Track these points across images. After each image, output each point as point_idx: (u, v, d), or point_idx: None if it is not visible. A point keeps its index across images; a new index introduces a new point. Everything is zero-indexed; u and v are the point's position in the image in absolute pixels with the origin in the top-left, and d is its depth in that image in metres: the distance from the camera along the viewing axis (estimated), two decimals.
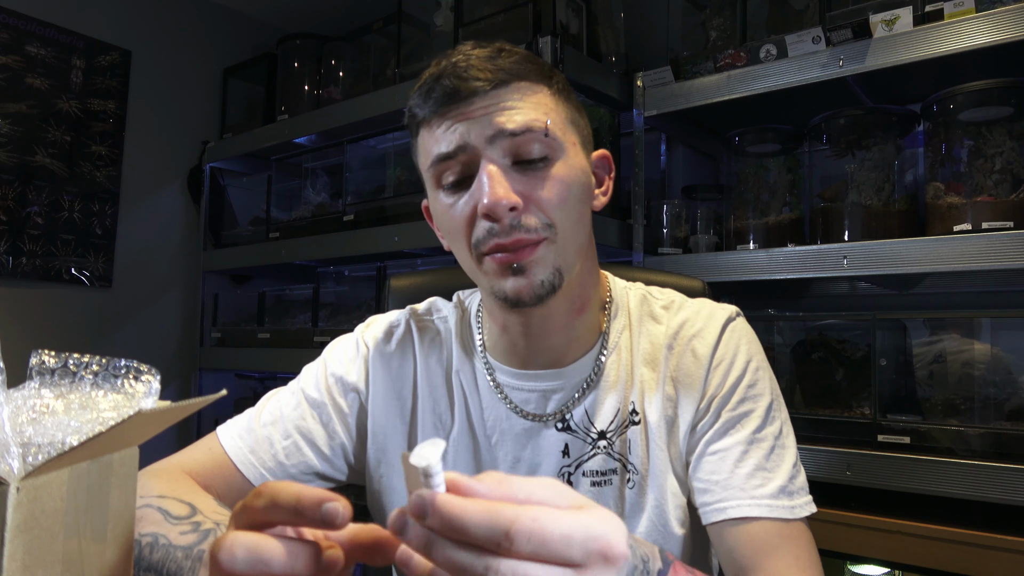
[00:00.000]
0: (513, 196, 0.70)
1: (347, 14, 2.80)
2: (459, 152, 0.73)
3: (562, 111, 0.77)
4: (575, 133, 0.78)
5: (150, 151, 2.64)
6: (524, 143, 0.72)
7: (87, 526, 0.43)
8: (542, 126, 0.72)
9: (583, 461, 0.80)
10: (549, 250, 0.73)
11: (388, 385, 0.88)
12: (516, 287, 0.73)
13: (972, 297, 1.71)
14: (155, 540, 0.64)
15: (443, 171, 0.75)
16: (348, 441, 0.88)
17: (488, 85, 0.72)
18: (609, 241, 1.78)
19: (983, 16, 1.29)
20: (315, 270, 2.54)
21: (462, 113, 0.73)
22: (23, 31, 2.30)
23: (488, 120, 0.72)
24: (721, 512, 0.73)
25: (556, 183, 0.73)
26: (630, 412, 0.80)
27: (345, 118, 2.19)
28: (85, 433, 0.40)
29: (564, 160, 0.74)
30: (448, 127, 0.73)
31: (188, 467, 0.83)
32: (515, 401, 0.83)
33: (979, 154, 1.39)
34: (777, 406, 0.79)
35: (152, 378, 0.47)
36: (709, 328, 0.81)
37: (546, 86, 0.76)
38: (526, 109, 0.73)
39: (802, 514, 0.73)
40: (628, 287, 0.88)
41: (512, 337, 0.82)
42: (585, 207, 0.77)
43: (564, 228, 0.74)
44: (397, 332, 0.91)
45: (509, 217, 0.71)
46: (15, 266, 2.27)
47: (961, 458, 1.27)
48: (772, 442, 0.76)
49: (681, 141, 2.08)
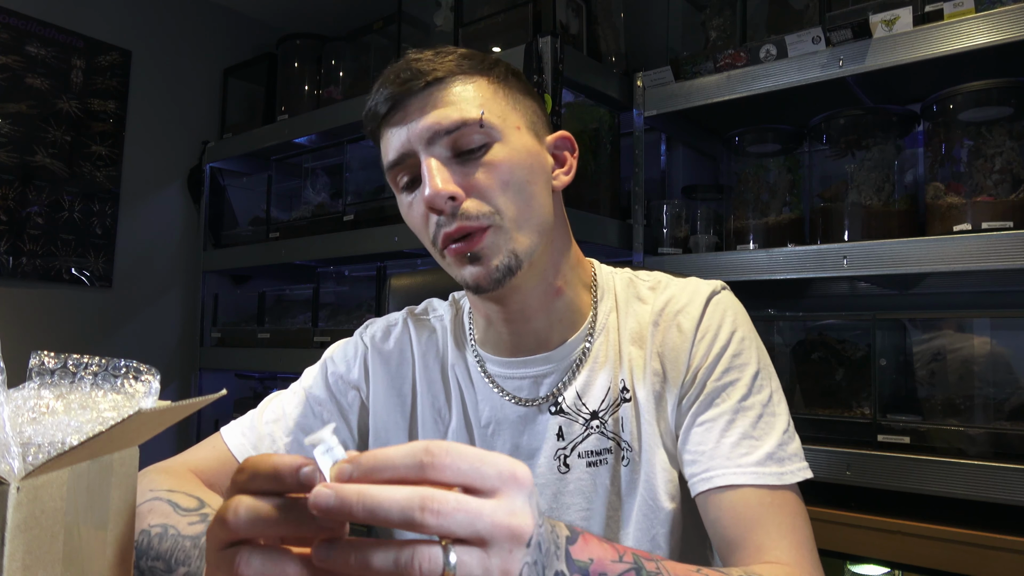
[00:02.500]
0: (451, 186, 0.72)
1: (347, 14, 2.80)
2: (404, 158, 0.75)
3: (502, 97, 0.77)
4: (519, 116, 0.78)
5: (150, 151, 2.64)
6: (461, 136, 0.73)
7: (87, 526, 0.43)
8: (476, 117, 0.73)
9: (577, 442, 0.81)
10: (497, 236, 0.74)
11: (388, 382, 0.89)
12: (474, 275, 0.74)
13: (972, 297, 1.70)
14: (164, 530, 0.66)
15: (396, 176, 0.78)
16: (350, 439, 0.90)
17: (421, 84, 0.74)
18: (609, 241, 1.78)
19: (983, 16, 1.29)
20: (315, 270, 2.54)
21: (401, 117, 0.75)
22: (23, 31, 2.30)
23: (424, 121, 0.74)
24: (707, 481, 0.72)
25: (494, 168, 0.74)
26: (620, 390, 0.81)
27: (345, 118, 2.19)
28: (85, 433, 0.40)
29: (504, 144, 0.75)
30: (393, 133, 0.76)
31: (193, 465, 0.84)
32: (508, 389, 0.84)
33: (979, 154, 1.39)
34: (766, 375, 0.78)
35: (152, 378, 0.47)
36: (694, 302, 0.81)
37: (483, 76, 0.77)
38: (460, 104, 0.74)
39: (791, 480, 0.72)
40: (614, 271, 0.89)
41: (496, 327, 0.83)
42: (536, 188, 0.77)
43: (510, 212, 0.74)
44: (395, 331, 0.93)
45: (450, 207, 0.73)
46: (15, 266, 2.27)
47: (961, 458, 1.27)
48: (760, 410, 0.75)
49: (681, 141, 2.08)
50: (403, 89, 0.75)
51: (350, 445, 0.90)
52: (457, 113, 0.73)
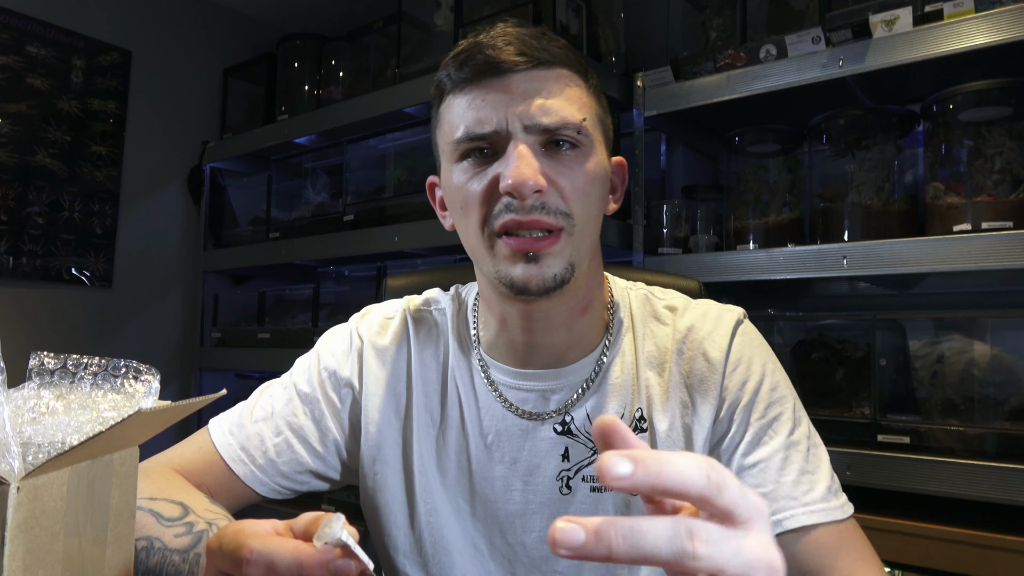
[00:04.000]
0: (540, 178, 0.69)
1: (347, 14, 2.80)
2: (494, 135, 0.71)
3: (594, 108, 0.76)
4: (603, 132, 0.77)
5: (150, 151, 2.64)
6: (558, 132, 0.71)
7: (87, 526, 0.43)
8: (577, 123, 0.71)
9: (583, 466, 0.78)
10: (567, 243, 0.71)
11: (382, 380, 0.86)
12: (526, 275, 0.71)
13: (972, 297, 1.70)
14: (150, 544, 0.63)
15: (468, 147, 0.72)
16: (341, 437, 0.86)
17: (530, 63, 0.70)
18: (609, 241, 1.78)
19: (983, 16, 1.29)
20: (315, 270, 2.54)
21: (499, 87, 0.70)
22: (23, 31, 2.30)
23: (525, 105, 0.69)
24: (777, 525, 0.71)
25: (582, 175, 0.72)
26: (637, 419, 0.78)
27: (345, 118, 2.19)
28: (85, 433, 0.40)
29: (592, 154, 0.73)
30: (482, 100, 0.71)
31: (178, 465, 0.82)
32: (511, 400, 0.81)
33: (979, 154, 1.39)
34: (799, 405, 0.78)
35: (152, 378, 0.47)
36: (719, 331, 0.79)
37: (583, 80, 0.75)
38: (563, 101, 0.71)
39: (850, 511, 0.73)
40: (629, 287, 0.87)
41: (511, 333, 0.79)
42: (603, 205, 0.77)
43: (582, 221, 0.72)
44: (392, 325, 0.89)
45: (533, 198, 0.69)
46: (15, 266, 2.27)
47: (961, 458, 1.27)
48: (806, 443, 0.75)
49: (681, 141, 2.08)
50: (510, 60, 0.70)
51: (341, 443, 0.86)
52: (560, 109, 0.70)
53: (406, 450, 0.84)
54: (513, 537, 0.80)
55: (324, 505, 2.07)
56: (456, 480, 0.82)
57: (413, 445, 0.83)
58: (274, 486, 0.85)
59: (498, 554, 0.80)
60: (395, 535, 0.84)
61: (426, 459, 0.83)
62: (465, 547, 0.81)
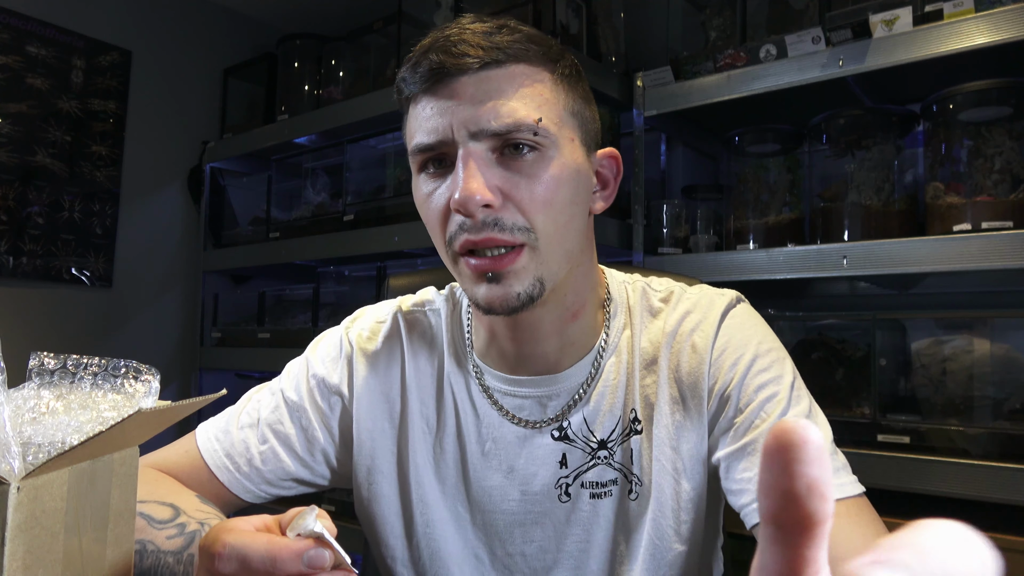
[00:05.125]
0: (487, 192, 0.64)
1: (347, 14, 2.80)
2: (440, 145, 0.67)
3: (562, 101, 0.69)
4: (575, 127, 0.70)
5: (150, 151, 2.64)
6: (511, 137, 0.65)
7: (87, 526, 0.43)
8: (533, 121, 0.65)
9: (581, 472, 0.76)
10: (531, 259, 0.66)
11: (374, 387, 0.83)
12: (489, 296, 0.67)
13: (972, 297, 1.70)
14: (143, 547, 0.63)
15: (424, 158, 0.69)
16: (330, 445, 0.84)
17: (477, 63, 0.65)
18: (609, 241, 1.78)
19: (983, 16, 1.29)
20: (315, 270, 2.54)
21: (446, 93, 0.65)
22: (23, 31, 2.30)
23: (473, 110, 0.64)
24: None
25: (543, 181, 0.66)
26: (632, 420, 0.76)
27: (345, 118, 2.19)
28: (85, 433, 0.40)
29: (555, 156, 0.67)
30: (432, 109, 0.66)
31: (164, 468, 0.81)
32: (507, 407, 0.78)
33: (978, 154, 1.39)
34: (799, 384, 0.73)
35: (152, 378, 0.47)
36: (708, 319, 0.76)
37: (547, 71, 0.68)
38: (516, 101, 0.65)
39: (860, 489, 0.68)
40: (626, 281, 0.83)
41: (500, 342, 0.77)
42: (577, 209, 0.70)
43: (547, 233, 0.67)
44: (384, 329, 0.85)
45: (483, 214, 0.64)
46: (15, 266, 2.27)
47: (961, 458, 1.27)
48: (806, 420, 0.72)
49: (681, 141, 2.08)
50: (456, 63, 0.64)
51: (330, 452, 0.84)
52: (513, 113, 0.64)
53: (401, 459, 0.82)
54: (513, 547, 0.78)
55: (324, 505, 2.07)
56: (455, 488, 0.80)
57: (409, 453, 0.81)
58: (259, 493, 0.83)
59: (499, 564, 0.79)
60: (392, 545, 0.82)
61: (423, 467, 0.81)
62: (465, 557, 0.80)
